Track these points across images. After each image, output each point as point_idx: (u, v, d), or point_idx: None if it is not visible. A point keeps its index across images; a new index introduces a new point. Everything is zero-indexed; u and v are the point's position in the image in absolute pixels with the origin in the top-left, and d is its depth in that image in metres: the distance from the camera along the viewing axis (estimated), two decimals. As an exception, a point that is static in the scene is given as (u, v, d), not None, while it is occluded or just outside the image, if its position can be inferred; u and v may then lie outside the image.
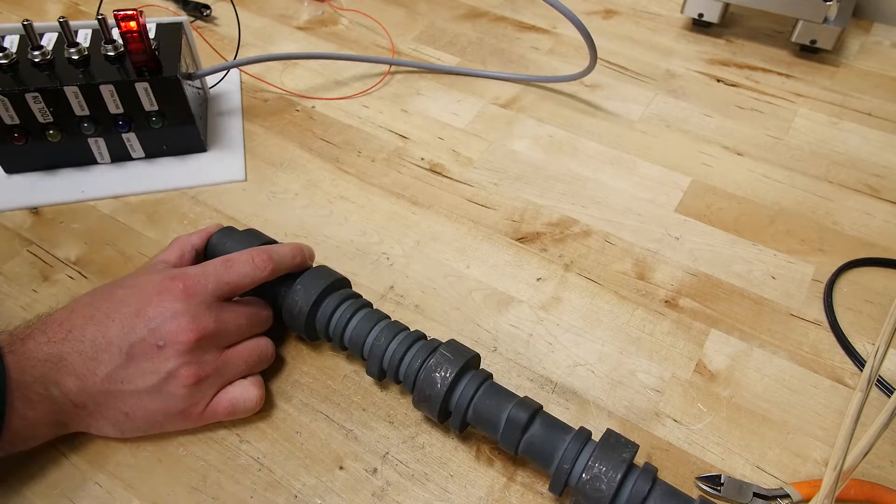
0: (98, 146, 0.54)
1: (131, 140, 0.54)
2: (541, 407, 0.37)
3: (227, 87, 0.65)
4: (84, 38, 0.53)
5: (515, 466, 0.39)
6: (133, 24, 0.49)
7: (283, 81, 0.66)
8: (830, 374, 0.44)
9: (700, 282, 0.49)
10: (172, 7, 0.76)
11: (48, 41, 0.52)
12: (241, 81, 0.66)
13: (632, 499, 0.32)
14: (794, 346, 0.45)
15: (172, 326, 0.36)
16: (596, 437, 0.36)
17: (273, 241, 0.45)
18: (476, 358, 0.40)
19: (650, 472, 0.34)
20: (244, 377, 0.39)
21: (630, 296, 0.48)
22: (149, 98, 0.52)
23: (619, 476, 0.33)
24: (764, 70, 0.70)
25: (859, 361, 0.44)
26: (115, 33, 0.51)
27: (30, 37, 0.50)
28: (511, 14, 0.79)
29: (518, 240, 0.52)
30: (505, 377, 0.43)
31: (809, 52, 0.72)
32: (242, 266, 0.39)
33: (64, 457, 0.38)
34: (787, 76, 0.70)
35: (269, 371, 0.42)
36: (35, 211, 0.53)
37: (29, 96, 0.49)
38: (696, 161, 0.59)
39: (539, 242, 0.52)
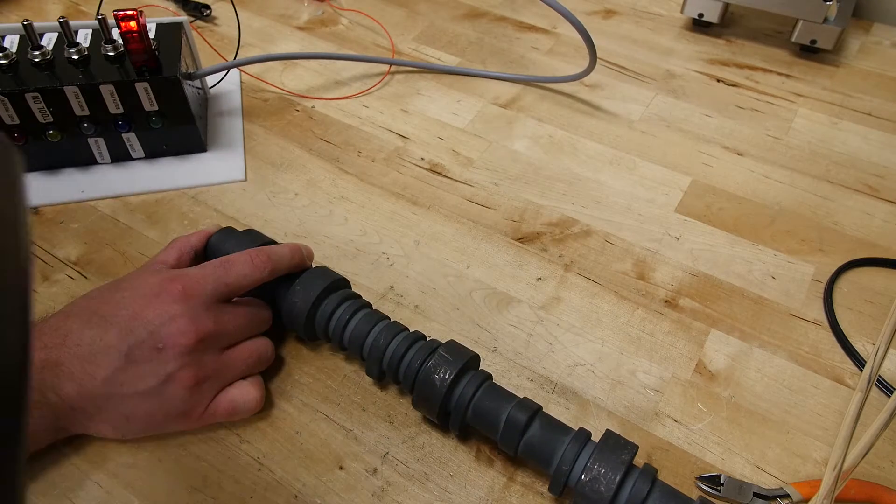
0: (98, 146, 0.54)
1: (131, 140, 0.54)
2: (540, 408, 0.37)
3: (227, 87, 0.65)
4: (84, 38, 0.53)
5: (515, 466, 0.39)
6: (133, 24, 0.49)
7: (283, 81, 0.66)
8: (830, 374, 0.44)
9: (700, 282, 0.49)
10: (172, 7, 0.76)
11: (48, 41, 0.52)
12: (241, 81, 0.66)
13: (631, 500, 0.32)
14: (794, 346, 0.45)
15: (172, 329, 0.35)
16: (596, 437, 0.36)
17: (272, 242, 0.45)
18: (475, 359, 0.40)
19: (649, 473, 0.34)
20: (244, 378, 0.39)
21: (630, 296, 0.48)
22: (149, 98, 0.52)
23: (618, 477, 0.33)
24: (764, 70, 0.70)
25: (859, 361, 0.44)
26: (115, 33, 0.51)
27: (30, 37, 0.50)
28: (511, 14, 0.79)
29: (518, 240, 0.52)
30: (505, 377, 0.43)
31: (809, 52, 0.72)
32: (241, 267, 0.39)
33: (64, 456, 0.38)
34: (787, 76, 0.70)
35: (269, 371, 0.42)
36: (35, 211, 0.53)
37: (29, 96, 0.49)
38: (696, 161, 0.59)
39: (539, 242, 0.52)
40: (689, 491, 0.37)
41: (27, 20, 0.49)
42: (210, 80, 0.63)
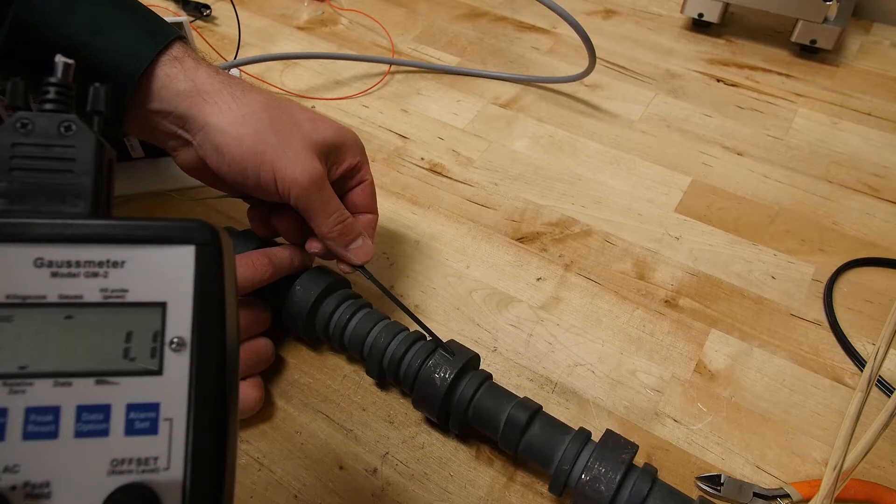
0: (98, 146, 0.54)
1: (131, 140, 0.54)
2: (540, 407, 0.37)
3: (227, 87, 0.65)
4: (84, 38, 0.53)
5: (515, 466, 0.39)
6: (133, 24, 0.49)
7: (283, 81, 0.66)
8: (830, 374, 0.44)
9: (700, 282, 0.49)
10: (172, 7, 0.76)
11: (48, 41, 0.52)
12: (241, 81, 0.66)
13: (631, 499, 0.32)
14: (794, 346, 0.45)
15: None
16: (596, 437, 0.36)
17: (273, 242, 0.45)
18: (476, 358, 0.40)
19: (650, 472, 0.34)
20: (243, 378, 0.39)
21: (630, 296, 0.48)
22: (149, 98, 0.52)
23: (618, 477, 0.33)
24: (764, 70, 0.70)
25: (859, 361, 0.44)
26: (115, 33, 0.51)
27: (30, 37, 0.50)
28: (511, 14, 0.79)
29: (518, 240, 0.52)
30: (505, 377, 0.43)
31: (809, 52, 0.72)
32: (242, 270, 0.39)
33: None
34: (787, 76, 0.70)
35: (269, 371, 0.42)
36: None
37: (29, 96, 0.49)
38: (696, 161, 0.59)
39: (539, 242, 0.52)
40: (689, 491, 0.37)
41: (27, 20, 0.49)
42: (210, 80, 0.63)
